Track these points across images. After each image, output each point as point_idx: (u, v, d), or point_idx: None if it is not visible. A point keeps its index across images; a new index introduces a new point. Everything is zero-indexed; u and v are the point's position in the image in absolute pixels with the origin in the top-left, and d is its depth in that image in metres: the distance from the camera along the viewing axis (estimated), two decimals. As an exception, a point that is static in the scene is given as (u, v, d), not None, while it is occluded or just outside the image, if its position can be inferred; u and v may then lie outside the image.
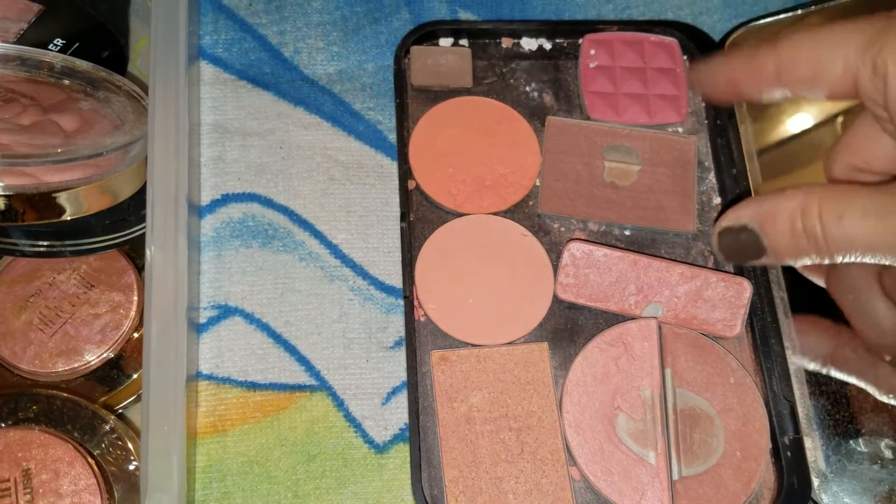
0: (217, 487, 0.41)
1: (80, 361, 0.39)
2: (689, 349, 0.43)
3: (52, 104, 0.38)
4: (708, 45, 0.50)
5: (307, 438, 0.42)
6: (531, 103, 0.49)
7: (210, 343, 0.43)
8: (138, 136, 0.37)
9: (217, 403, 0.42)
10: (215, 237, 0.45)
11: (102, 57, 0.43)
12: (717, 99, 0.39)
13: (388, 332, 0.44)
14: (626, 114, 0.48)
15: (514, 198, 0.46)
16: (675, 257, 0.46)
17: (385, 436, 0.43)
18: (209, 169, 0.46)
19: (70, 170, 0.34)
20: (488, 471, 0.40)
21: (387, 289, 0.45)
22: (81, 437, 0.37)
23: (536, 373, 0.43)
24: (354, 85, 0.49)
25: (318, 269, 0.45)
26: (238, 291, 0.44)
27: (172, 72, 0.35)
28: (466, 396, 0.42)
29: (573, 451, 0.41)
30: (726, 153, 0.47)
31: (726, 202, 0.47)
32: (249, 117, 0.48)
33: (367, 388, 0.43)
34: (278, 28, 0.50)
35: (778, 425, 0.42)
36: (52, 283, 0.40)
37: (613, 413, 0.42)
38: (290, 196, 0.46)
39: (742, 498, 0.40)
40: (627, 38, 0.50)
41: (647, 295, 0.44)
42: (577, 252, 0.44)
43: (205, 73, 0.48)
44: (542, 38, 0.50)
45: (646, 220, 0.46)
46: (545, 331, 0.44)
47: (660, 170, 0.47)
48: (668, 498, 0.40)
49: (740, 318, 0.43)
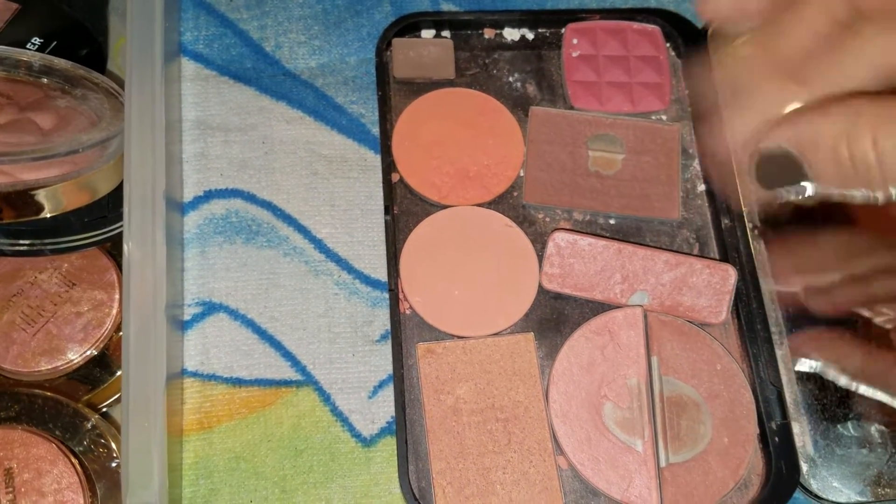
0: (204, 484, 0.41)
1: (62, 360, 0.39)
2: (675, 336, 0.43)
3: (30, 102, 0.38)
4: (691, 32, 0.50)
5: (294, 433, 0.42)
6: (514, 94, 0.49)
7: (195, 340, 0.43)
8: (115, 132, 0.37)
9: (203, 400, 0.42)
10: (199, 234, 0.45)
11: (81, 55, 0.43)
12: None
13: (374, 325, 0.44)
14: (609, 102, 0.48)
15: (499, 189, 0.46)
16: (661, 245, 0.46)
17: (372, 429, 0.43)
18: (191, 165, 0.46)
19: (47, 167, 0.34)
20: (475, 462, 0.40)
21: (372, 282, 0.45)
22: (63, 435, 0.37)
23: (522, 363, 0.42)
24: (337, 78, 0.49)
25: (303, 263, 0.45)
26: (222, 288, 0.44)
27: (148, 68, 0.35)
28: (453, 388, 0.42)
29: (560, 441, 0.41)
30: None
31: (711, 188, 0.47)
32: (231, 113, 0.48)
33: (353, 382, 0.43)
34: (259, 23, 0.50)
35: (765, 411, 0.42)
36: (33, 283, 0.40)
37: (600, 402, 0.42)
38: (273, 191, 0.46)
39: (730, 484, 0.40)
40: (610, 26, 0.50)
41: (632, 283, 0.44)
42: (561, 242, 0.44)
43: (186, 69, 0.48)
44: (524, 27, 0.50)
45: (630, 208, 0.46)
46: (531, 321, 0.44)
47: (644, 158, 0.47)
48: (655, 485, 0.40)
49: (726, 304, 0.43)
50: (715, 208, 0.46)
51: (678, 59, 0.50)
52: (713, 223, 0.46)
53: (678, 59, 0.50)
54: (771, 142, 0.29)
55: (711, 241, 0.46)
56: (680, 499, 0.40)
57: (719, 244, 0.46)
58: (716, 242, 0.46)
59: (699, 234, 0.46)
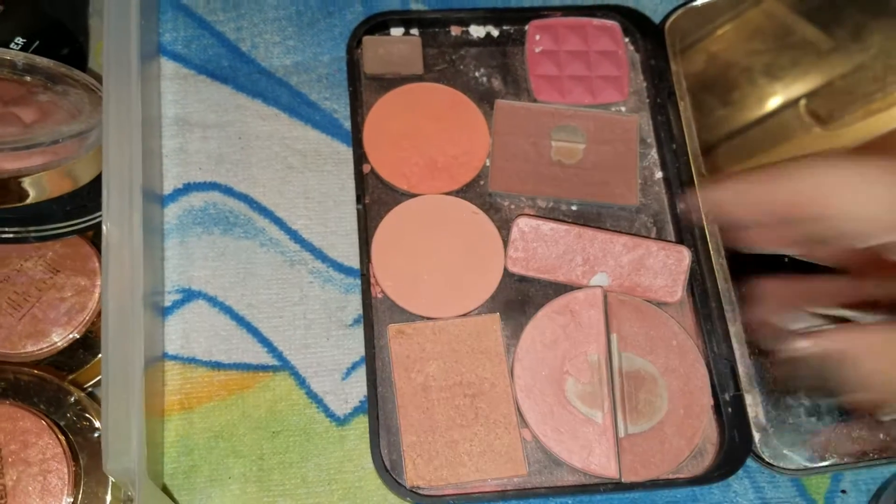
0: (185, 461, 0.42)
1: (47, 343, 0.41)
2: (634, 315, 0.45)
3: (12, 98, 0.40)
4: (648, 27, 0.52)
5: (270, 416, 0.44)
6: (480, 88, 0.51)
7: (175, 325, 0.45)
8: (94, 124, 0.39)
9: (184, 382, 0.44)
10: (178, 224, 0.47)
11: (62, 54, 0.45)
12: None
13: (347, 310, 0.46)
14: (570, 95, 0.50)
15: (466, 178, 0.48)
16: (621, 229, 0.48)
17: (345, 409, 0.44)
18: (171, 160, 0.48)
19: (29, 156, 0.36)
20: (444, 435, 0.42)
21: (345, 270, 0.47)
22: (48, 409, 0.38)
23: (489, 342, 0.45)
24: (310, 76, 0.51)
25: (279, 254, 0.47)
26: (201, 276, 0.46)
27: (125, 63, 0.37)
28: (423, 367, 0.44)
29: (524, 414, 0.43)
30: (666, 129, 0.50)
31: (667, 175, 0.49)
32: (209, 110, 0.50)
33: (327, 364, 0.45)
34: (235, 24, 0.52)
35: (719, 384, 0.44)
36: (19, 270, 0.42)
37: (562, 377, 0.44)
38: (249, 185, 0.48)
39: (685, 452, 0.42)
40: (571, 23, 0.52)
41: (592, 265, 0.46)
42: (525, 227, 0.46)
43: (165, 68, 0.50)
44: (489, 25, 0.52)
45: (591, 195, 0.48)
46: (497, 302, 0.46)
47: (604, 147, 0.49)
48: (614, 454, 0.42)
49: (681, 284, 0.46)
50: (671, 194, 0.49)
51: (636, 53, 0.53)
52: (670, 208, 0.49)
53: (636, 53, 0.53)
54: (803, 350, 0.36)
55: (668, 225, 0.48)
56: (638, 466, 0.42)
57: (675, 228, 0.48)
58: (672, 227, 0.48)
59: (657, 218, 0.49)
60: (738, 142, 0.50)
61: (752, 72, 0.52)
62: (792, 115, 0.52)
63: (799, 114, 0.51)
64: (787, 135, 0.51)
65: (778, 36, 0.53)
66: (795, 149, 0.51)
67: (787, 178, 0.35)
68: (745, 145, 0.50)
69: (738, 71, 0.53)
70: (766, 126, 0.52)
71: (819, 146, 0.51)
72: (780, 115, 0.52)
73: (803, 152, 0.50)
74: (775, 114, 0.52)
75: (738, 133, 0.51)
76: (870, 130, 0.51)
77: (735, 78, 0.52)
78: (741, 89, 0.52)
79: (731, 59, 0.53)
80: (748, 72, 0.53)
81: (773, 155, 0.51)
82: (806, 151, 0.50)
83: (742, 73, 0.52)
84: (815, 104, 0.52)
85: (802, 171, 0.35)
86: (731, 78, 0.52)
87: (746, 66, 0.53)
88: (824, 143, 0.51)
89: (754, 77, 0.52)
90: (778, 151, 0.51)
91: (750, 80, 0.52)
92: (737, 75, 0.52)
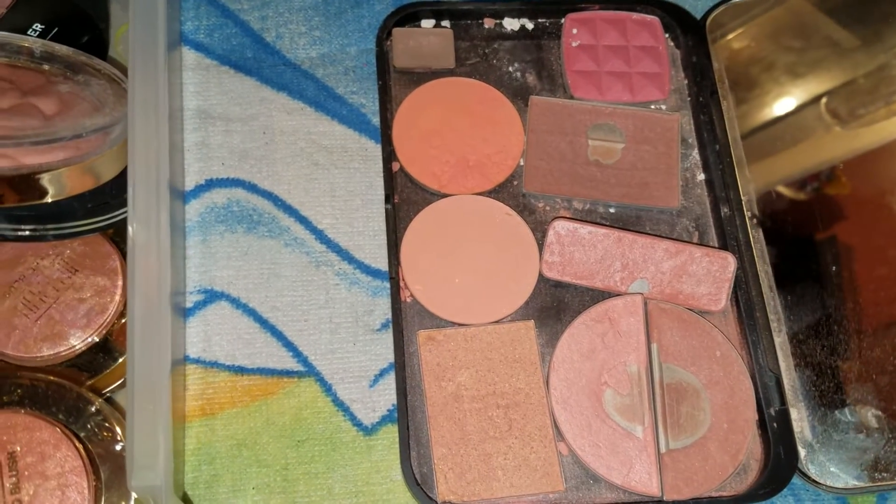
0: (206, 470, 0.41)
1: (65, 346, 0.39)
2: (675, 324, 0.43)
3: (32, 88, 0.38)
4: (689, 23, 0.50)
5: (295, 424, 0.42)
6: (514, 83, 0.49)
7: (197, 327, 0.43)
8: (118, 118, 0.37)
9: (205, 387, 0.42)
10: (200, 222, 0.45)
11: (82, 42, 0.43)
12: None
13: (375, 314, 0.44)
14: (609, 92, 0.48)
15: (499, 178, 0.46)
16: (661, 233, 0.46)
17: (373, 418, 0.43)
18: (193, 154, 0.46)
19: (50, 151, 0.34)
20: (477, 447, 0.41)
21: (372, 272, 0.45)
22: (67, 419, 0.37)
23: (523, 351, 0.43)
24: (337, 69, 0.49)
25: (304, 254, 0.45)
26: (224, 276, 0.44)
27: (151, 55, 0.35)
28: (454, 375, 0.42)
29: (561, 427, 0.41)
30: (709, 129, 0.48)
31: (710, 177, 0.47)
32: (232, 103, 0.48)
33: (354, 371, 0.43)
34: (260, 13, 0.50)
35: (764, 397, 0.42)
36: (35, 269, 0.40)
37: (600, 388, 0.42)
38: (274, 181, 0.46)
39: (729, 469, 0.41)
40: (609, 16, 0.50)
41: (632, 271, 0.44)
42: (561, 230, 0.44)
43: (187, 58, 0.48)
44: (524, 17, 0.50)
45: (630, 197, 0.46)
46: (531, 309, 0.44)
47: (644, 147, 0.47)
48: (655, 471, 0.40)
49: (725, 292, 0.44)
50: (714, 197, 0.47)
51: (677, 49, 0.51)
52: (712, 212, 0.47)
53: (677, 49, 0.51)
54: None
55: (711, 229, 0.47)
56: (680, 484, 0.40)
57: (718, 232, 0.46)
58: (715, 231, 0.46)
59: (698, 222, 0.47)
60: (786, 144, 0.49)
61: (793, 68, 0.51)
62: (813, 114, 0.50)
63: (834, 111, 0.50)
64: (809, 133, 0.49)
65: (810, 32, 0.51)
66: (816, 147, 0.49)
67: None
68: (793, 148, 0.49)
69: (779, 68, 0.51)
70: (800, 124, 0.50)
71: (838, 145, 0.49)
72: (804, 112, 0.50)
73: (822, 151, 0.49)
74: (804, 111, 0.50)
75: (786, 134, 0.49)
76: (892, 130, 0.49)
77: (777, 75, 0.50)
78: (782, 86, 0.50)
79: (772, 56, 0.51)
80: (789, 68, 0.51)
81: (796, 153, 0.49)
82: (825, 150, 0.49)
83: (782, 70, 0.50)
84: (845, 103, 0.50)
85: None
86: (773, 75, 0.50)
87: (786, 63, 0.51)
88: (843, 143, 0.49)
89: (796, 73, 0.50)
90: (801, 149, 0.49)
91: (792, 76, 0.50)
92: (778, 73, 0.51)
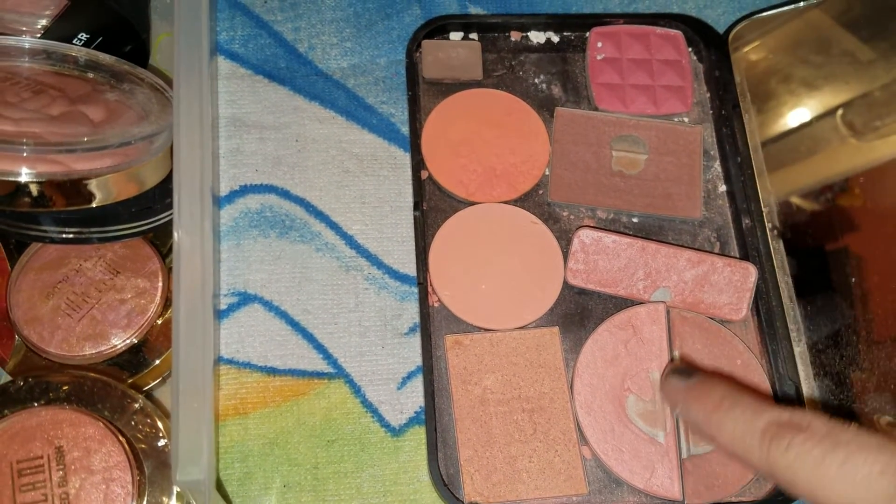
0: (239, 468, 0.42)
1: (106, 345, 0.40)
2: (697, 332, 0.44)
3: (79, 96, 0.40)
4: (712, 37, 0.51)
5: (325, 424, 0.43)
6: (540, 95, 0.50)
7: (230, 329, 0.45)
8: (163, 127, 0.39)
9: (238, 387, 0.43)
10: (234, 227, 0.46)
11: (125, 51, 0.44)
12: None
13: (403, 319, 0.46)
14: (633, 104, 0.49)
15: (524, 187, 0.47)
16: (683, 243, 0.47)
17: (401, 419, 0.44)
18: (227, 161, 0.48)
19: (99, 158, 0.36)
20: (502, 450, 0.42)
21: (401, 277, 0.46)
22: (111, 415, 0.38)
23: (548, 356, 0.44)
24: (368, 79, 0.50)
25: (334, 259, 0.46)
26: (257, 279, 0.46)
27: (196, 65, 0.37)
28: (480, 379, 0.43)
29: (584, 431, 0.42)
30: (731, 142, 0.49)
31: (731, 189, 0.48)
32: (266, 111, 0.49)
33: (382, 373, 0.44)
34: (293, 25, 0.51)
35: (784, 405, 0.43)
36: (78, 270, 0.41)
37: (623, 394, 0.43)
38: (306, 188, 0.48)
39: (749, 475, 0.42)
40: (634, 30, 0.51)
41: (655, 280, 0.45)
42: (586, 238, 0.45)
43: (222, 67, 0.50)
44: (549, 31, 0.51)
45: (653, 207, 0.47)
46: (556, 315, 0.45)
47: (666, 158, 0.48)
48: (677, 476, 0.41)
49: (746, 301, 0.45)
50: (736, 208, 0.48)
51: (700, 63, 0.52)
52: (734, 223, 0.48)
53: (700, 63, 0.52)
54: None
55: (732, 240, 0.48)
56: (701, 489, 0.41)
57: (739, 243, 0.47)
58: (736, 241, 0.47)
59: (720, 233, 0.48)
60: (805, 156, 0.49)
61: (812, 82, 0.51)
62: (830, 126, 0.50)
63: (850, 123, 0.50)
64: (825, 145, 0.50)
65: (829, 46, 0.52)
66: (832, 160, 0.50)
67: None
68: (811, 160, 0.49)
69: (798, 80, 0.51)
70: (816, 135, 0.50)
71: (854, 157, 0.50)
72: (819, 124, 0.51)
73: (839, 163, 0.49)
74: (821, 123, 0.51)
75: (805, 147, 0.50)
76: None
77: (795, 88, 0.51)
78: (800, 98, 0.51)
79: (791, 69, 0.52)
80: (807, 81, 0.51)
81: (813, 164, 0.50)
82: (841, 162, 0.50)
83: (800, 82, 0.51)
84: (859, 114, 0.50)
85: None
86: (791, 88, 0.51)
87: (804, 76, 0.51)
88: (858, 155, 0.50)
89: (815, 87, 0.51)
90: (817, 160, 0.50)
91: (810, 90, 0.51)
92: (796, 85, 0.51)
